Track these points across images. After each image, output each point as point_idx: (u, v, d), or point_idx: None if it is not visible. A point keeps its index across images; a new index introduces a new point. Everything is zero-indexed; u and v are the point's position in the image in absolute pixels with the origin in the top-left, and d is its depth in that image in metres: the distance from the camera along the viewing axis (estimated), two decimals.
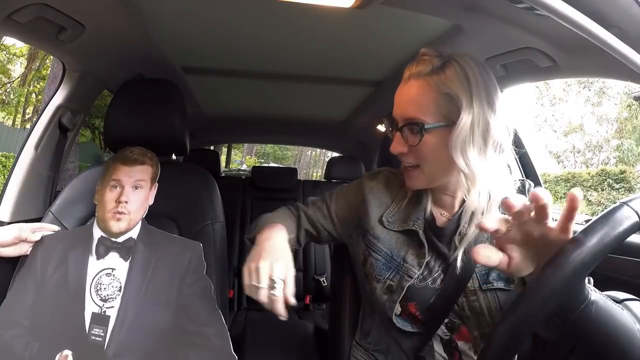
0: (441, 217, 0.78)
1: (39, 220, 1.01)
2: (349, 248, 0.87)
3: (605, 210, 0.46)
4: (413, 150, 0.70)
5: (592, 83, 14.36)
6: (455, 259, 0.72)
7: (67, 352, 0.78)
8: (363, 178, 0.86)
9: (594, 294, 0.43)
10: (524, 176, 1.25)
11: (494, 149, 0.68)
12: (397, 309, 0.75)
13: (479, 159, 0.67)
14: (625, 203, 0.45)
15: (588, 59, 0.82)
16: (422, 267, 0.74)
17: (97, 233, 0.89)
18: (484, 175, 0.67)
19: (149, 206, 0.97)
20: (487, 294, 0.73)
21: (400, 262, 0.76)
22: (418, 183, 0.74)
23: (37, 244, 0.90)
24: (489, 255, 0.48)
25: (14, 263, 0.93)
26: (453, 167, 0.69)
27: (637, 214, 0.44)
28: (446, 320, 0.74)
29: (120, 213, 0.88)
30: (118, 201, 0.88)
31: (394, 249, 0.78)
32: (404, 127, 0.70)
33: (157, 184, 0.98)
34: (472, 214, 0.71)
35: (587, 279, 0.45)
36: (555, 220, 0.46)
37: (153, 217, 0.98)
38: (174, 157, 1.20)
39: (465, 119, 0.65)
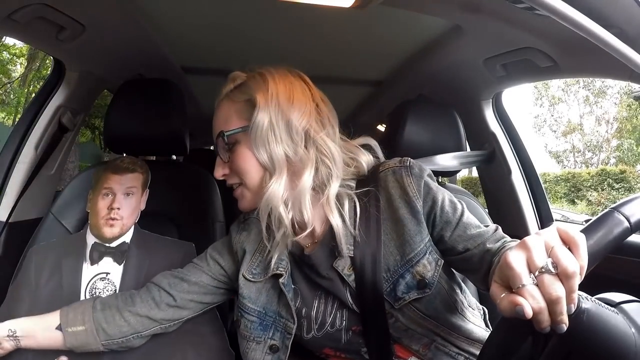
0: (308, 248, 0.72)
1: (39, 220, 1.01)
2: None
3: (595, 218, 0.45)
4: (232, 167, 0.69)
5: (591, 82, 14.38)
6: (344, 290, 0.69)
7: (64, 358, 0.78)
8: (231, 231, 0.80)
9: (585, 302, 0.42)
10: (524, 176, 1.26)
11: (303, 145, 0.66)
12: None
13: (283, 155, 0.65)
14: (615, 209, 0.45)
15: (588, 59, 0.82)
16: (296, 317, 0.70)
17: (91, 240, 0.90)
18: (286, 165, 0.65)
19: (149, 206, 0.97)
20: (404, 310, 0.67)
21: (276, 317, 0.71)
22: (246, 202, 0.71)
23: (30, 254, 0.90)
24: None
25: (14, 263, 0.93)
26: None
27: (628, 219, 0.44)
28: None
29: (113, 219, 0.88)
30: (110, 208, 0.88)
31: (266, 305, 0.72)
32: (216, 146, 0.70)
33: (148, 190, 0.98)
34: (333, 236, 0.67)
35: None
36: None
37: (153, 217, 0.98)
38: (173, 157, 1.20)
39: (262, 116, 0.64)
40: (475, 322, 0.73)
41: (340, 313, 0.70)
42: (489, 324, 0.80)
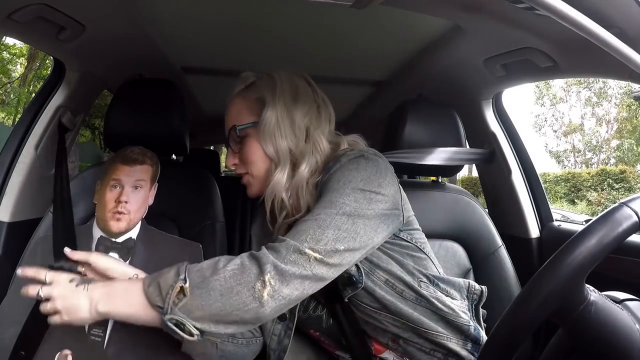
0: None
1: (39, 220, 1.01)
2: None
3: (605, 211, 0.46)
4: (241, 157, 0.77)
5: (592, 83, 14.37)
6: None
7: (67, 352, 0.78)
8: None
9: (594, 295, 0.43)
10: (524, 176, 1.26)
11: (304, 139, 0.74)
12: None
13: (287, 148, 0.72)
14: (624, 203, 0.45)
15: (588, 59, 0.82)
16: None
17: (97, 233, 0.89)
18: (289, 158, 0.73)
19: (150, 206, 0.96)
20: (354, 302, 0.72)
21: None
22: (253, 189, 0.78)
23: (37, 244, 0.89)
24: None
25: (14, 262, 0.93)
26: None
27: (637, 214, 0.45)
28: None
29: (120, 213, 0.87)
30: (118, 201, 0.88)
31: None
32: (228, 138, 0.77)
33: (157, 184, 0.98)
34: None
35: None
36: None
37: (153, 217, 0.98)
38: (174, 157, 1.20)
39: (270, 114, 0.72)
40: (448, 311, 0.72)
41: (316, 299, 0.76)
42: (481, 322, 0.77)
